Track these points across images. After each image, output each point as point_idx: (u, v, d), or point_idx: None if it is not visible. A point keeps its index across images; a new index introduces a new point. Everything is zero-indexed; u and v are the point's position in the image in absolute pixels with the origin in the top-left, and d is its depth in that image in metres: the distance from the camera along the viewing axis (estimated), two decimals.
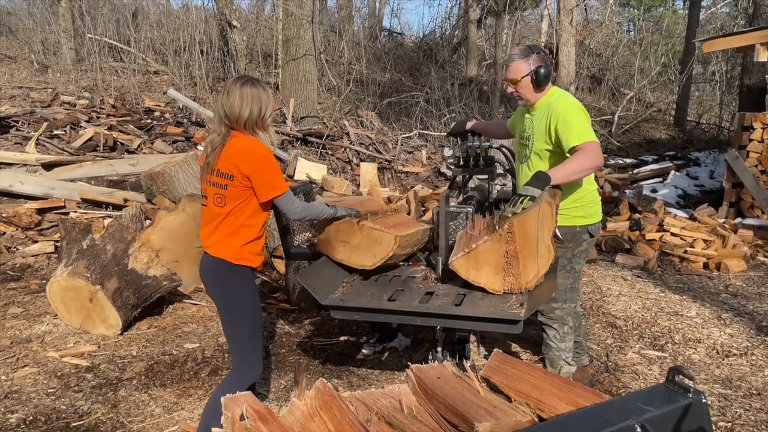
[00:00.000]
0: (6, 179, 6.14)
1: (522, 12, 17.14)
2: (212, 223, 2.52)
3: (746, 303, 4.91)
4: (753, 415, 3.16)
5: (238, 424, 1.39)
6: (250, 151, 2.43)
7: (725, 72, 15.40)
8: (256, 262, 2.58)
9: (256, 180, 2.43)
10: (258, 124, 2.49)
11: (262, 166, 2.43)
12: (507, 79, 3.07)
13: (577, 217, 3.07)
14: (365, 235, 2.82)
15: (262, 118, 2.49)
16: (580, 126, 2.86)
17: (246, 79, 2.51)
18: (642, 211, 7.28)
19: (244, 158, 2.42)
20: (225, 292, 2.54)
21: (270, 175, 2.45)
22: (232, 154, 2.43)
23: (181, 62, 10.68)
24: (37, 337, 3.99)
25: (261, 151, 2.45)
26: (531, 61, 2.97)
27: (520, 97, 3.08)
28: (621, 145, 12.32)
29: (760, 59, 7.58)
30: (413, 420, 1.49)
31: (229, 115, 2.45)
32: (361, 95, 11.36)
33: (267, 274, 5.26)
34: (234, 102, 2.44)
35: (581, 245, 3.13)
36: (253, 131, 2.49)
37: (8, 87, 9.58)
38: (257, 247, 2.58)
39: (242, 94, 2.44)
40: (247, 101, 2.44)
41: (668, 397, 1.34)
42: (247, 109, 2.44)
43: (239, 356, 2.58)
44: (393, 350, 3.94)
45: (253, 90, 2.47)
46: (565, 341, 3.21)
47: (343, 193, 7.33)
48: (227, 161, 2.44)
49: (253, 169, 2.42)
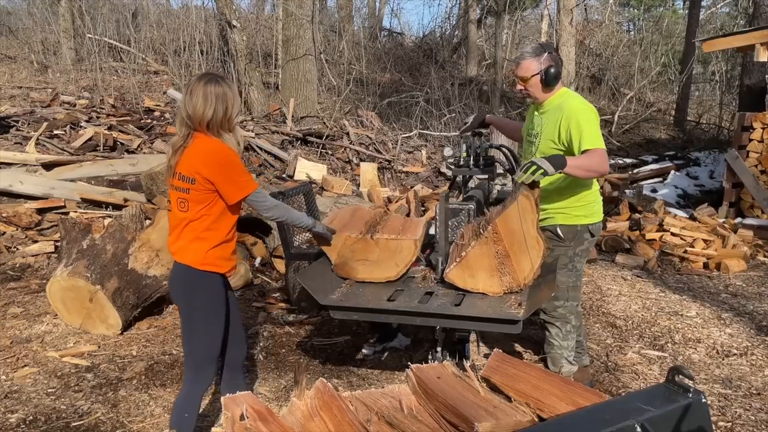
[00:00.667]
0: (6, 179, 6.14)
1: (522, 12, 17.13)
2: (177, 228, 2.42)
3: (746, 303, 4.90)
4: (753, 415, 3.16)
5: (238, 424, 1.39)
6: (211, 153, 2.31)
7: (725, 72, 15.40)
8: (224, 268, 2.45)
9: (221, 184, 2.32)
10: (223, 125, 2.36)
11: (225, 168, 2.31)
12: (517, 76, 3.08)
13: (579, 216, 3.08)
14: (383, 247, 2.81)
15: (228, 118, 2.37)
16: (594, 131, 2.88)
17: (210, 77, 2.38)
18: (642, 211, 7.27)
19: (206, 161, 2.30)
20: (187, 299, 2.43)
21: (236, 176, 2.34)
22: (193, 157, 2.32)
23: (181, 62, 10.67)
24: (37, 337, 3.98)
25: (223, 152, 2.32)
26: (542, 60, 2.98)
27: (529, 95, 3.10)
28: (621, 145, 12.32)
29: (760, 59, 7.58)
30: (413, 420, 1.49)
31: (192, 116, 2.33)
32: (361, 95, 11.36)
33: (267, 273, 5.26)
34: (197, 102, 2.31)
35: (582, 244, 3.13)
36: (218, 132, 2.36)
37: (8, 87, 9.58)
38: (225, 251, 2.44)
39: (206, 93, 2.32)
40: (211, 101, 2.31)
41: (668, 397, 1.34)
42: (211, 109, 2.31)
43: (191, 369, 2.48)
44: (393, 350, 3.94)
45: (217, 88, 2.33)
46: (567, 340, 3.21)
47: (343, 193, 7.33)
48: (188, 164, 2.32)
49: (216, 173, 2.30)
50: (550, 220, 3.11)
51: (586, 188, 3.07)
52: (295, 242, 3.38)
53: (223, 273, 2.46)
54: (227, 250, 2.45)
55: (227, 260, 2.46)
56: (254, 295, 4.86)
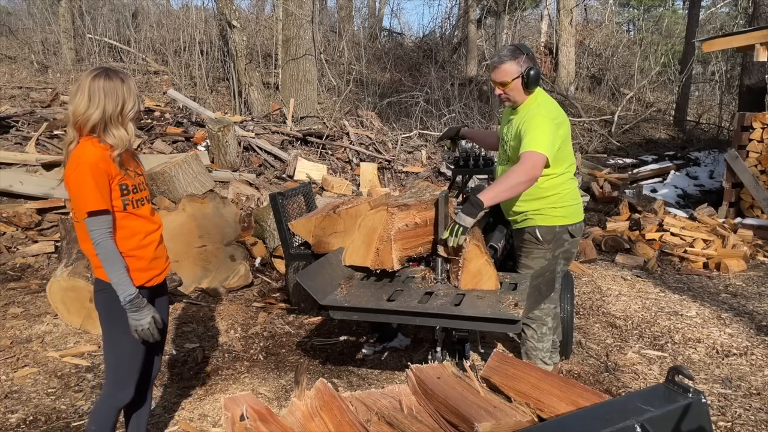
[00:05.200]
0: (6, 179, 6.14)
1: (522, 12, 17.15)
2: (80, 239, 2.23)
3: (746, 303, 4.91)
4: (753, 415, 3.17)
5: (238, 424, 1.39)
6: (69, 162, 2.09)
7: (725, 72, 15.39)
8: (140, 280, 2.22)
9: (71, 198, 2.10)
10: (111, 121, 2.10)
11: (72, 180, 2.05)
12: (496, 81, 2.98)
13: (557, 217, 3.04)
14: (345, 217, 2.94)
15: (122, 113, 2.11)
16: (539, 134, 2.78)
17: (99, 70, 2.11)
18: (642, 211, 7.28)
19: (65, 171, 2.08)
20: (97, 310, 2.29)
21: (77, 192, 2.05)
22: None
23: (181, 62, 10.68)
24: (37, 337, 3.99)
25: (77, 161, 2.06)
26: (521, 62, 2.91)
27: (508, 99, 3.02)
28: (621, 145, 12.32)
29: (760, 59, 7.58)
30: (413, 420, 1.49)
31: (73, 117, 2.08)
32: (361, 95, 11.36)
33: (267, 273, 5.26)
34: (80, 102, 2.06)
35: (562, 246, 3.10)
36: (104, 132, 2.10)
37: (8, 87, 9.58)
38: (132, 263, 2.19)
39: (91, 91, 2.07)
40: (97, 99, 2.06)
41: (668, 397, 1.34)
42: (97, 110, 2.06)
43: (107, 379, 2.34)
44: (393, 350, 3.94)
45: (107, 83, 2.08)
46: (543, 341, 3.22)
47: (343, 193, 7.33)
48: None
49: (67, 185, 2.08)
50: (529, 222, 3.09)
51: (563, 188, 3.04)
52: (296, 243, 3.38)
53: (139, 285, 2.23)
54: (134, 262, 2.22)
55: (137, 271, 2.23)
56: (254, 295, 4.86)
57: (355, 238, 2.83)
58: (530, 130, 2.81)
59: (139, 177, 2.30)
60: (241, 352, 3.89)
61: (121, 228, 2.19)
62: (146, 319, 2.17)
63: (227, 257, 5.00)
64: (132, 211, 2.21)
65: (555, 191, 3.03)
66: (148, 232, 2.28)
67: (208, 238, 4.92)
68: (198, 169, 6.49)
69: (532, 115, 2.88)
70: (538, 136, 2.78)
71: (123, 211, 2.18)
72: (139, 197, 2.25)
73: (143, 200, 2.28)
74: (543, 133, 2.80)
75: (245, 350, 3.93)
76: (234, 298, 4.75)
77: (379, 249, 2.75)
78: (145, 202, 2.29)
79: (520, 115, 3.00)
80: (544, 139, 2.78)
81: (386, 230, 2.72)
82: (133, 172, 2.25)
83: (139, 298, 2.16)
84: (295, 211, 3.53)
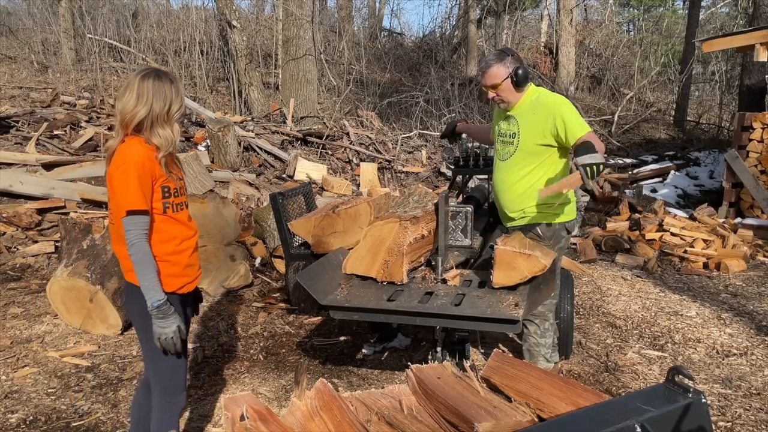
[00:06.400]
0: (6, 179, 6.13)
1: (522, 12, 17.15)
2: (113, 240, 2.23)
3: (746, 303, 4.91)
4: (753, 415, 3.17)
5: (238, 424, 1.39)
6: (114, 159, 2.08)
7: (725, 72, 15.40)
8: (171, 286, 2.16)
9: (111, 196, 2.09)
10: (158, 121, 2.10)
11: (116, 177, 2.05)
12: (487, 85, 3.07)
13: (557, 215, 3.14)
14: (344, 216, 2.97)
15: (168, 113, 2.12)
16: (579, 117, 2.96)
17: (149, 71, 2.14)
18: (642, 211, 7.28)
19: (109, 169, 2.09)
20: (130, 316, 2.26)
21: (120, 189, 2.04)
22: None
23: (181, 62, 10.69)
24: (37, 337, 3.99)
25: (123, 157, 2.05)
26: (507, 63, 3.00)
27: (502, 101, 3.10)
28: (621, 145, 12.33)
29: (760, 59, 7.58)
30: (413, 420, 1.49)
31: (120, 115, 2.10)
32: (361, 95, 11.37)
33: (267, 274, 5.26)
34: (128, 100, 2.08)
35: (560, 242, 3.19)
36: (150, 131, 2.11)
37: (8, 87, 9.58)
38: (165, 268, 2.14)
39: (140, 90, 2.07)
40: (145, 98, 2.07)
41: (668, 397, 1.34)
42: (144, 107, 2.07)
43: (156, 390, 2.28)
44: (393, 350, 3.94)
45: (156, 83, 2.09)
46: (545, 337, 3.24)
47: (343, 193, 7.33)
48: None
49: (110, 182, 2.07)
50: (530, 219, 3.15)
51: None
52: (296, 243, 3.39)
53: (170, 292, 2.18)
54: (168, 268, 2.18)
55: (172, 277, 2.19)
56: (254, 295, 4.86)
57: (359, 247, 2.81)
58: (571, 117, 2.92)
59: (180, 181, 2.26)
60: (241, 352, 3.89)
61: (159, 231, 2.14)
62: (172, 327, 2.10)
63: (227, 257, 5.00)
64: (171, 214, 2.17)
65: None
66: (185, 237, 2.23)
67: (208, 238, 4.92)
68: (198, 169, 6.50)
69: (560, 104, 2.98)
70: (581, 119, 2.96)
71: (162, 214, 2.15)
72: (179, 201, 2.21)
73: (182, 205, 2.24)
74: (579, 115, 2.97)
75: (245, 350, 3.93)
76: (234, 298, 4.75)
77: (389, 261, 2.74)
78: (184, 207, 2.25)
79: (529, 111, 3.06)
80: (581, 119, 2.95)
81: (397, 243, 2.71)
82: (175, 176, 2.22)
83: (166, 305, 2.09)
84: (295, 211, 3.53)
